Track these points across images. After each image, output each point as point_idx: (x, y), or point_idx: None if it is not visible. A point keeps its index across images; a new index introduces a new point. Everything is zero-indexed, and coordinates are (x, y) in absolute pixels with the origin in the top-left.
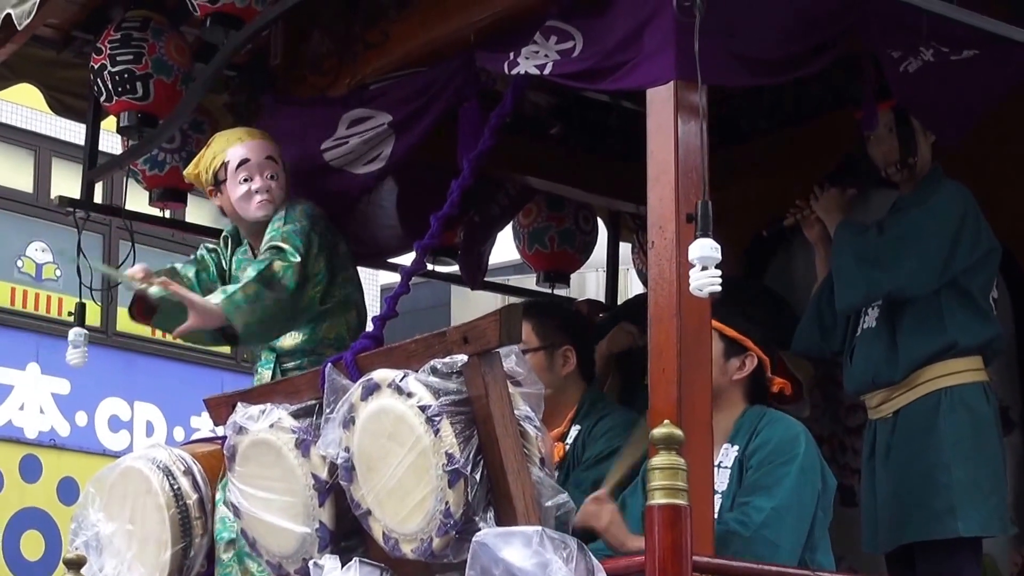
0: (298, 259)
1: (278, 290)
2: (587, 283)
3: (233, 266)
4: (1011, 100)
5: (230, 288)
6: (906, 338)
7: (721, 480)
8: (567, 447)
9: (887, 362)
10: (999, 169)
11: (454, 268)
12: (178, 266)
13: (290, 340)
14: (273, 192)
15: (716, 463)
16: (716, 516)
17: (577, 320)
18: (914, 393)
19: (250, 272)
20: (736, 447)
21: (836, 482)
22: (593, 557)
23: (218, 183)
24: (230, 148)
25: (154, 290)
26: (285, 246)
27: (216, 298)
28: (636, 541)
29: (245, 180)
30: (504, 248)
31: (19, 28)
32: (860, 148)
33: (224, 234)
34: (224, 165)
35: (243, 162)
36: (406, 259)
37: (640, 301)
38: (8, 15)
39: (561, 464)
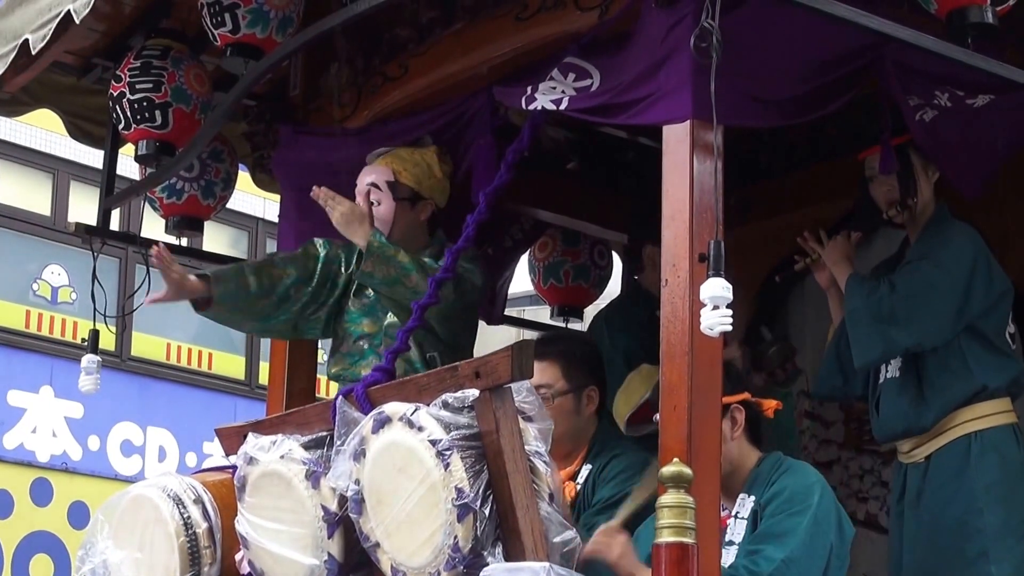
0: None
1: (416, 285)
2: None
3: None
4: None
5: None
6: (933, 386)
7: (738, 531)
8: (578, 487)
9: (916, 411)
10: (1010, 208)
11: None
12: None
13: None
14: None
15: (733, 513)
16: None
17: (597, 355)
18: (944, 438)
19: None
20: (753, 497)
21: (853, 531)
22: None
23: None
24: None
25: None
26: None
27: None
28: (646, 573)
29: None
30: (520, 280)
31: (34, 53)
32: (863, 190)
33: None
34: None
35: (354, 185)
36: None
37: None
38: (26, 40)
39: (573, 505)
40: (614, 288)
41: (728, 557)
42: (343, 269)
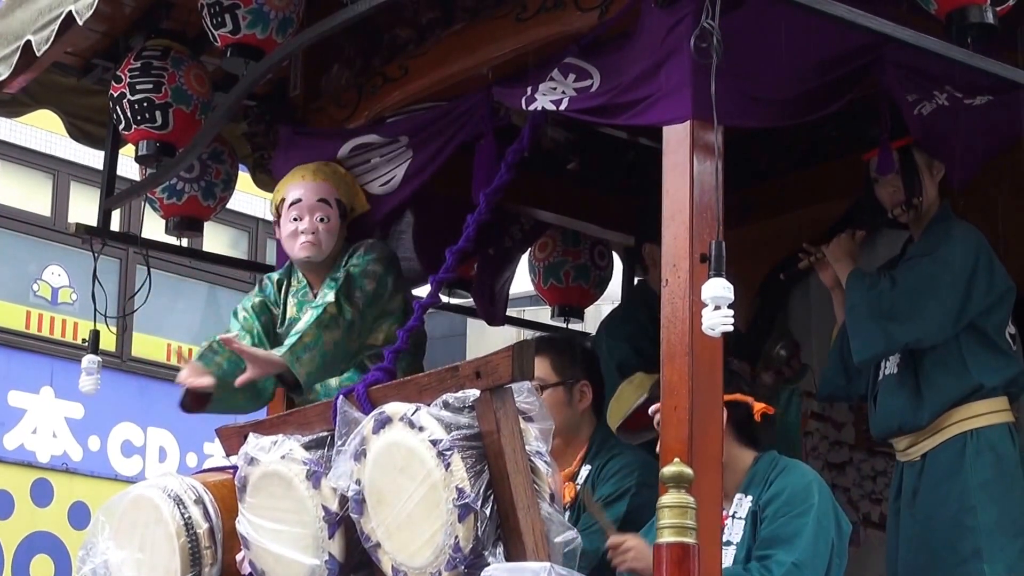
0: (356, 301)
1: (335, 332)
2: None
3: (291, 305)
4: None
5: (290, 339)
6: (930, 384)
7: (735, 531)
8: (578, 487)
9: (912, 408)
10: (1013, 207)
11: (470, 300)
12: (218, 338)
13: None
14: (320, 235)
15: (731, 513)
16: (730, 565)
17: (591, 354)
18: (940, 436)
19: (308, 318)
20: (750, 497)
21: (851, 526)
22: None
23: (277, 218)
24: (289, 185)
25: (206, 380)
26: (343, 286)
27: (279, 351)
28: None
29: (294, 219)
30: (520, 280)
31: (38, 55)
32: (868, 190)
33: (277, 277)
34: (282, 202)
35: (295, 201)
36: (422, 291)
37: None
38: (28, 42)
39: (572, 505)
40: (614, 288)
41: (726, 557)
42: (279, 298)
